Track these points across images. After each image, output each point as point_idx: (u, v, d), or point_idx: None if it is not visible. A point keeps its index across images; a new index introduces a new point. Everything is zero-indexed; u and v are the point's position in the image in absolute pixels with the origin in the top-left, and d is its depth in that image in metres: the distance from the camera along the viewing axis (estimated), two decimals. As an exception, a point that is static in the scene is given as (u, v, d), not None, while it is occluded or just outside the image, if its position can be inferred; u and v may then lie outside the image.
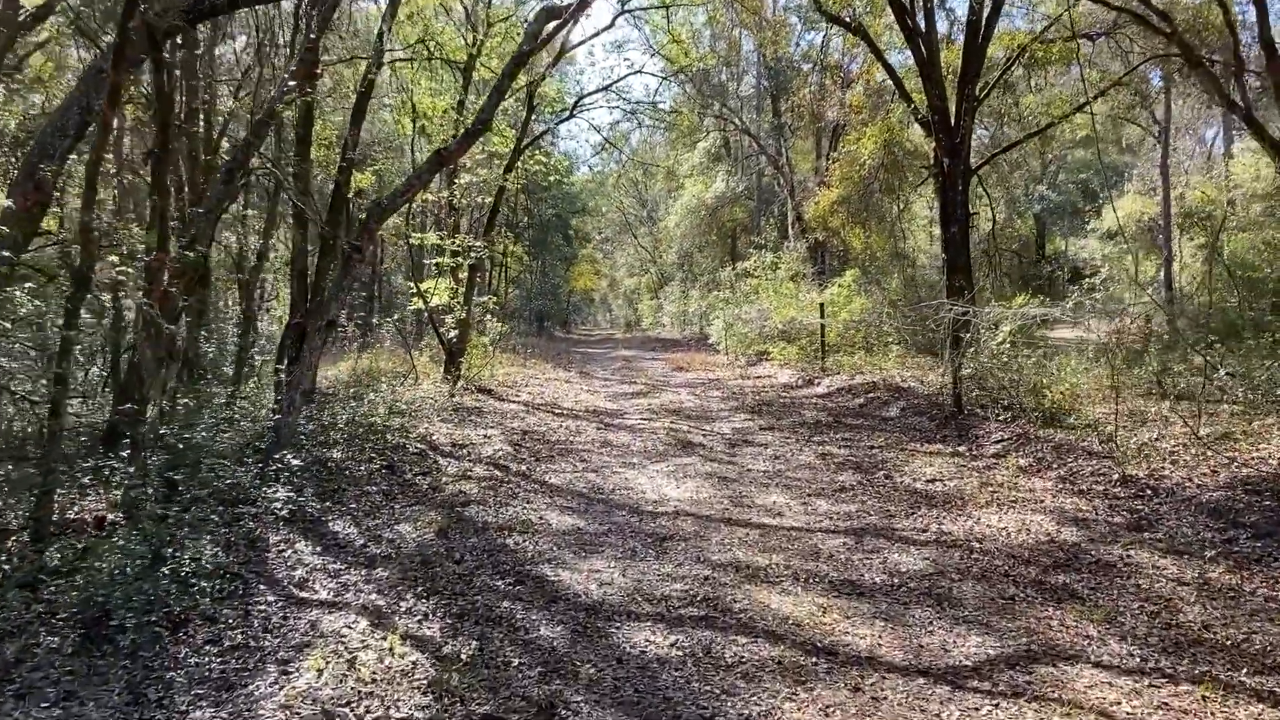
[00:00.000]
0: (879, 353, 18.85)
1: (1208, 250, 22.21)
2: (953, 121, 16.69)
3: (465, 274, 19.29)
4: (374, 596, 5.83)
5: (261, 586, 5.99)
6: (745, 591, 5.88)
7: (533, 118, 20.91)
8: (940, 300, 13.52)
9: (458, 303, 18.58)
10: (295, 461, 7.77)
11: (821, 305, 19.85)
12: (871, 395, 15.38)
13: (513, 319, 36.25)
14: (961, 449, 11.00)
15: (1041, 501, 8.22)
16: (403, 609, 5.60)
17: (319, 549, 6.87)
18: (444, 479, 9.50)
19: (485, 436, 12.20)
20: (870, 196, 22.63)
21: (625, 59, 35.46)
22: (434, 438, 11.77)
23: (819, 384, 17.88)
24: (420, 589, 5.95)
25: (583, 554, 6.86)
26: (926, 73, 16.41)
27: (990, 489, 8.74)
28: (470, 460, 10.57)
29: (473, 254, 18.41)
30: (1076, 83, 22.52)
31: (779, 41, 29.48)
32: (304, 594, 5.93)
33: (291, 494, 7.59)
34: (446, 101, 19.04)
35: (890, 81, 24.97)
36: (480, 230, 20.30)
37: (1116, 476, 8.54)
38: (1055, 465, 9.50)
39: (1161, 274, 29.01)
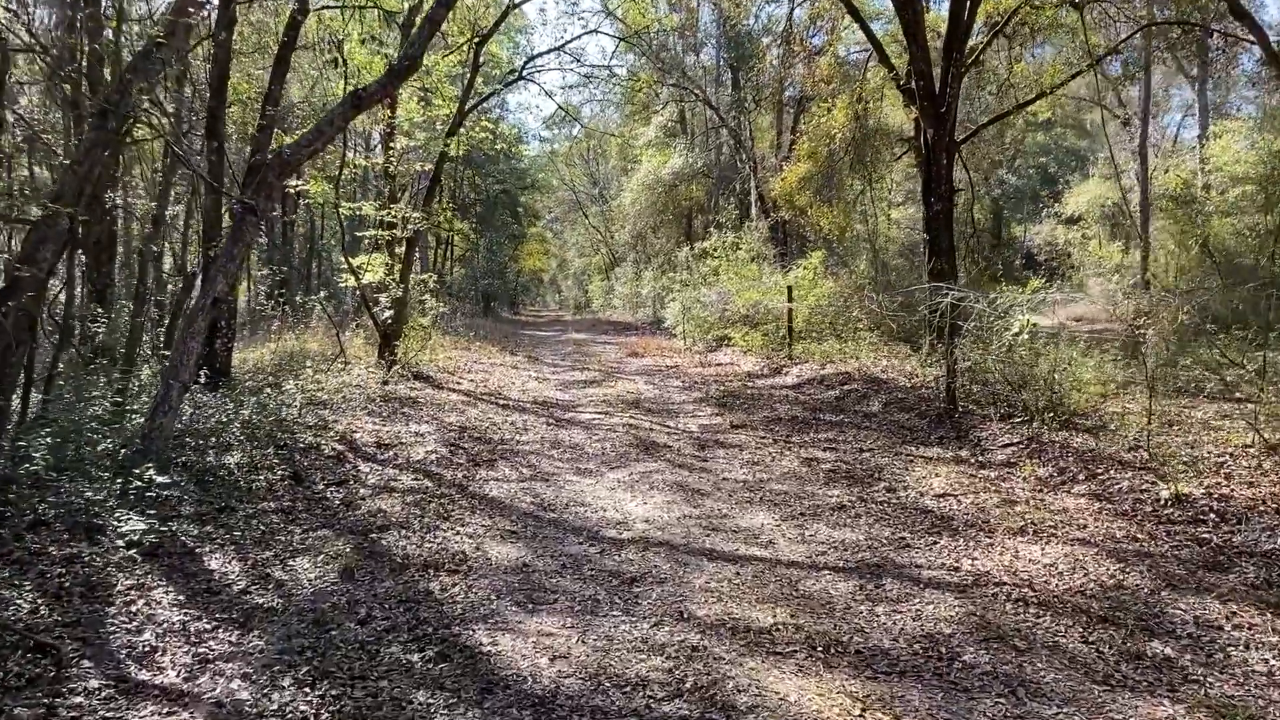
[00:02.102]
0: (849, 340, 17.49)
1: (1187, 236, 21.24)
2: (937, 88, 15.32)
3: (402, 248, 17.55)
4: (238, 683, 4.20)
5: (85, 663, 4.34)
6: (749, 671, 4.37)
7: (478, 79, 19.16)
8: (932, 284, 12.11)
9: (393, 280, 16.84)
10: (160, 478, 6.06)
11: (789, 288, 18.42)
12: (847, 387, 13.99)
13: (459, 299, 34.44)
14: (964, 454, 9.62)
15: (1084, 526, 6.84)
16: (273, 706, 3.99)
17: (183, 597, 5.22)
18: (361, 492, 7.86)
19: (417, 434, 10.55)
20: (839, 172, 21.23)
21: (579, 18, 33.47)
22: (356, 436, 10.10)
23: (787, 373, 16.47)
24: (305, 668, 4.34)
25: (530, 606, 5.29)
26: (911, 32, 14.99)
27: (1017, 509, 7.34)
28: (396, 466, 8.93)
29: (410, 225, 16.65)
30: (1059, 54, 21.33)
31: (740, 9, 27.95)
32: (143, 674, 4.30)
33: (153, 520, 5.90)
34: (382, 62, 17.22)
35: (861, 52, 23.62)
36: (421, 201, 18.50)
37: (1165, 495, 7.19)
38: (1083, 478, 8.15)
39: (1138, 258, 28.15)
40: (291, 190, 17.64)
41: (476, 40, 17.72)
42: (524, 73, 19.43)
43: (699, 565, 6.03)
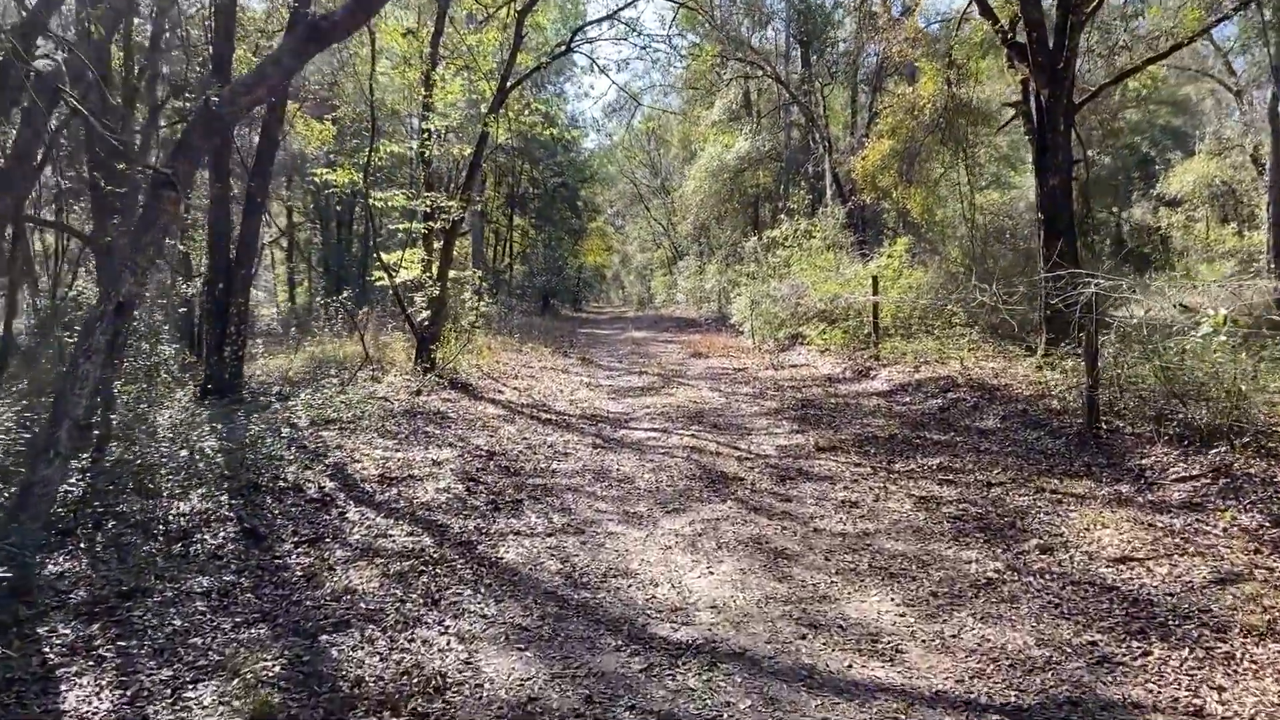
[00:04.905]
0: (944, 338, 15.14)
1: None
2: (1052, 42, 12.98)
3: (439, 242, 15.77)
4: None
5: None
6: None
7: (524, 56, 17.27)
8: (1069, 271, 9.83)
9: (429, 277, 15.08)
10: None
11: (875, 279, 16.17)
12: (951, 395, 11.74)
13: (517, 297, 32.79)
14: (1124, 489, 7.38)
15: (1361, 623, 4.62)
16: None
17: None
18: (337, 555, 5.96)
19: (434, 463, 8.66)
20: (927, 149, 18.85)
21: (635, -19, 31.20)
22: (358, 467, 8.25)
23: (875, 377, 14.24)
24: None
25: (525, 795, 3.30)
26: (1022, -26, 12.68)
27: (1245, 589, 5.11)
28: (394, 512, 7.03)
29: (445, 215, 14.82)
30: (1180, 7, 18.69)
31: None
32: None
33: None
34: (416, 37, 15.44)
35: (944, 20, 21.23)
36: (459, 188, 16.65)
37: None
38: (1316, 532, 5.90)
39: (1259, 240, 25.30)
40: (318, 178, 15.95)
41: (518, 8, 15.83)
42: (572, 44, 17.45)
43: (795, 701, 3.96)
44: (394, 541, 6.25)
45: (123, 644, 4.39)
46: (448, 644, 4.59)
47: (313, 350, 16.52)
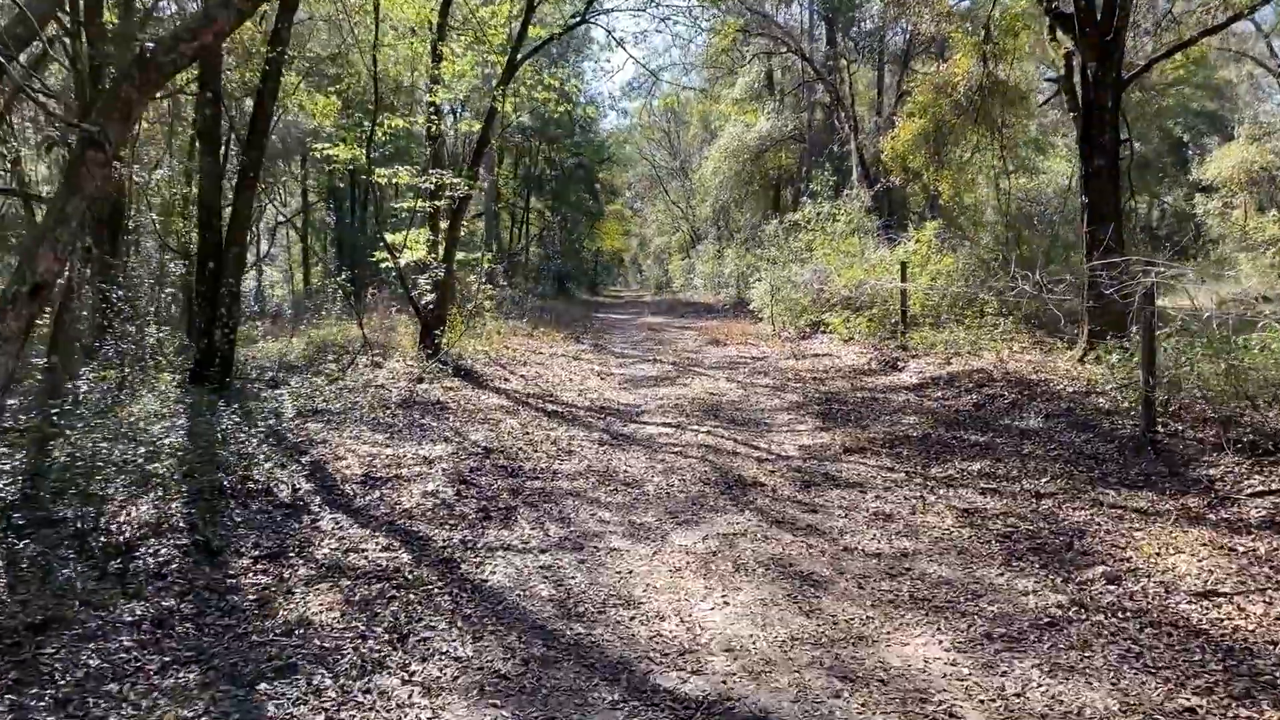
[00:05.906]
0: (976, 327, 14.26)
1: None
2: (1100, 11, 12.04)
3: (445, 221, 15.01)
4: None
5: None
6: None
7: (533, 24, 16.40)
8: (1123, 259, 8.95)
9: (435, 258, 14.35)
10: None
11: (903, 265, 15.30)
12: (987, 391, 10.90)
13: (533, 280, 32.03)
14: (1192, 503, 6.54)
15: None
16: None
17: None
18: (300, 573, 5.22)
19: (425, 461, 7.93)
20: (961, 129, 17.90)
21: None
22: (341, 465, 7.53)
23: (903, 369, 13.40)
24: None
25: None
26: (1071, -67, 11.74)
27: (1362, 637, 4.31)
28: (373, 520, 6.28)
29: (451, 192, 14.06)
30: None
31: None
32: None
33: None
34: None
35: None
36: (467, 165, 15.85)
37: None
38: None
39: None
40: (318, 154, 15.24)
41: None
42: (587, 15, 16.60)
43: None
44: (366, 557, 5.51)
45: (17, 695, 3.66)
46: (409, 697, 3.83)
47: (316, 334, 15.85)
